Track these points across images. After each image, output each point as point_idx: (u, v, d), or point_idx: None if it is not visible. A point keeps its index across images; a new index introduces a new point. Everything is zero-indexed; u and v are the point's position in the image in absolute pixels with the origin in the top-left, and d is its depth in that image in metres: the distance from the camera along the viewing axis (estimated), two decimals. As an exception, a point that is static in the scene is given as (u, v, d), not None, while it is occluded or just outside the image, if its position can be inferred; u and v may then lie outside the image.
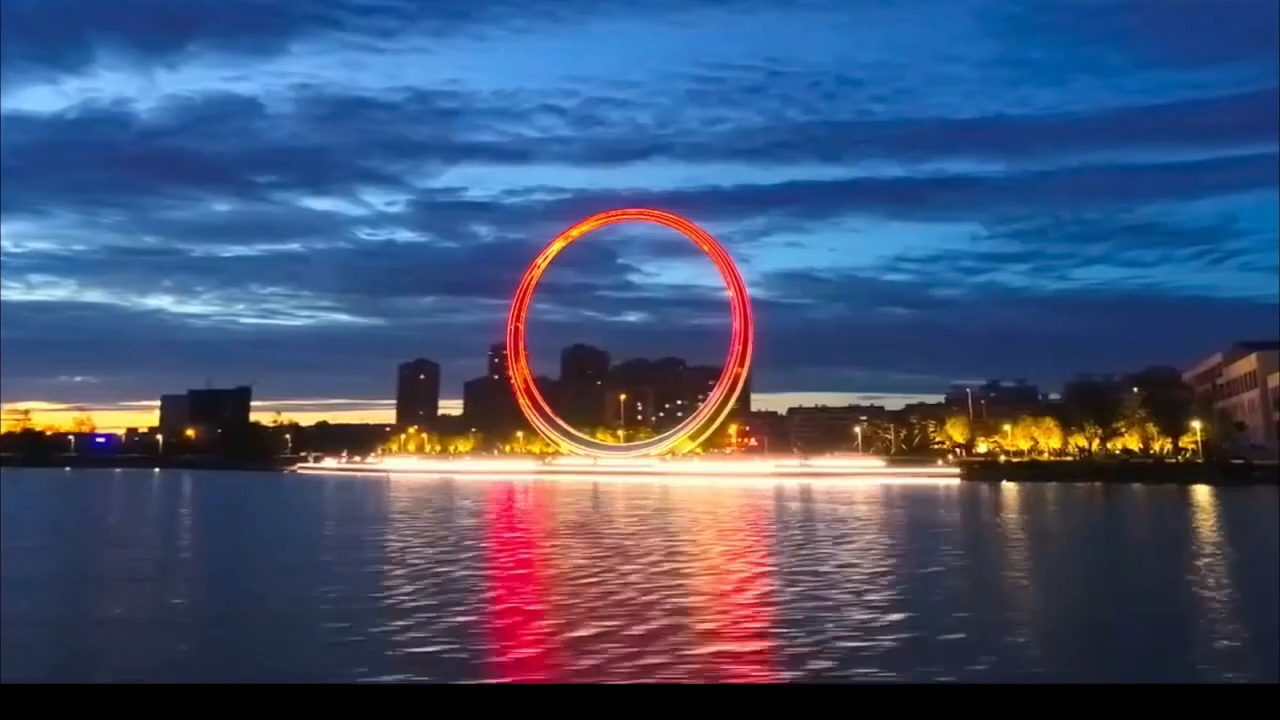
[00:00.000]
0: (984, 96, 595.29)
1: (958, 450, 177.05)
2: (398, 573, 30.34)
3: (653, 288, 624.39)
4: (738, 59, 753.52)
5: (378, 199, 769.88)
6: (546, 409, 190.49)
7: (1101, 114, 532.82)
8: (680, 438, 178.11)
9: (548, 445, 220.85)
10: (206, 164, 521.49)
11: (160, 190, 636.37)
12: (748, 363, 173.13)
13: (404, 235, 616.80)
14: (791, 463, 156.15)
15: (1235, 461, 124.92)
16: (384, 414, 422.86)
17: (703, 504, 72.09)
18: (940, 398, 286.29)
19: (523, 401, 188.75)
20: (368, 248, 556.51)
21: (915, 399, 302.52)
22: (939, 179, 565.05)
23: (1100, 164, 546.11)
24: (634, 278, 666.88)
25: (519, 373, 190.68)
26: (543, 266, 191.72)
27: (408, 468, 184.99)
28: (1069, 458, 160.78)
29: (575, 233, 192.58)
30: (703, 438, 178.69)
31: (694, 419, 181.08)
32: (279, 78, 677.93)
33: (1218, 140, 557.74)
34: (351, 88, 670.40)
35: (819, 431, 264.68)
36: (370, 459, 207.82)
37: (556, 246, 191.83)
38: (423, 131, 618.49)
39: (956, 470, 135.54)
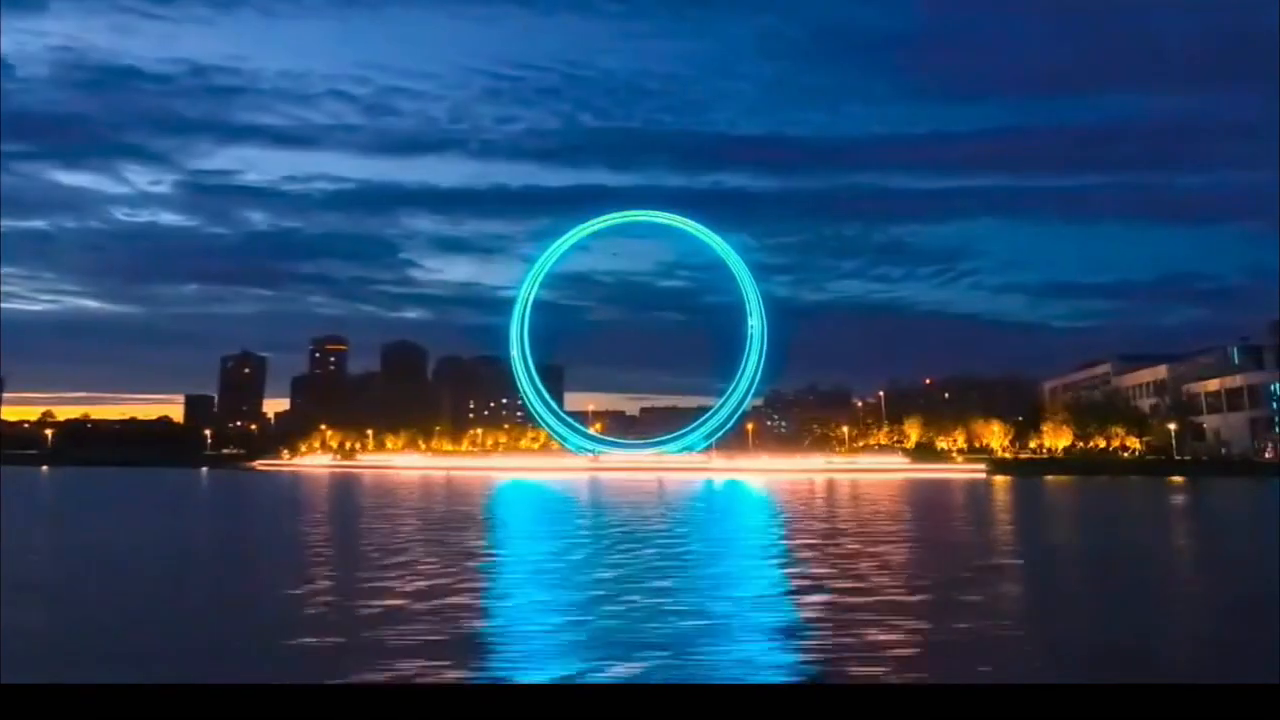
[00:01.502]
0: (765, 116, 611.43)
1: (892, 445, 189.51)
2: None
3: (435, 284, 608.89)
4: (536, 59, 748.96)
5: (141, 177, 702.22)
6: (553, 404, 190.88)
7: (866, 139, 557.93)
8: (694, 438, 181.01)
9: (535, 439, 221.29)
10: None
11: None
12: (760, 365, 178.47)
13: (168, 218, 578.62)
14: (818, 460, 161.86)
15: (1203, 459, 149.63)
16: (166, 408, 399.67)
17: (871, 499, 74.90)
18: (757, 400, 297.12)
19: (528, 396, 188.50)
20: (125, 229, 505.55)
21: (727, 400, 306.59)
22: (716, 190, 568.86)
23: (861, 185, 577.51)
24: (416, 273, 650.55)
25: (521, 364, 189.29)
26: (539, 276, 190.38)
27: (402, 464, 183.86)
28: (1051, 455, 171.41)
29: (584, 232, 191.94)
30: (718, 436, 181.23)
31: (707, 418, 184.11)
32: (34, 37, 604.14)
33: (961, 170, 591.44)
34: (118, 55, 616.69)
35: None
36: (363, 457, 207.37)
37: (562, 245, 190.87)
38: (197, 108, 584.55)
39: (982, 467, 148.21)
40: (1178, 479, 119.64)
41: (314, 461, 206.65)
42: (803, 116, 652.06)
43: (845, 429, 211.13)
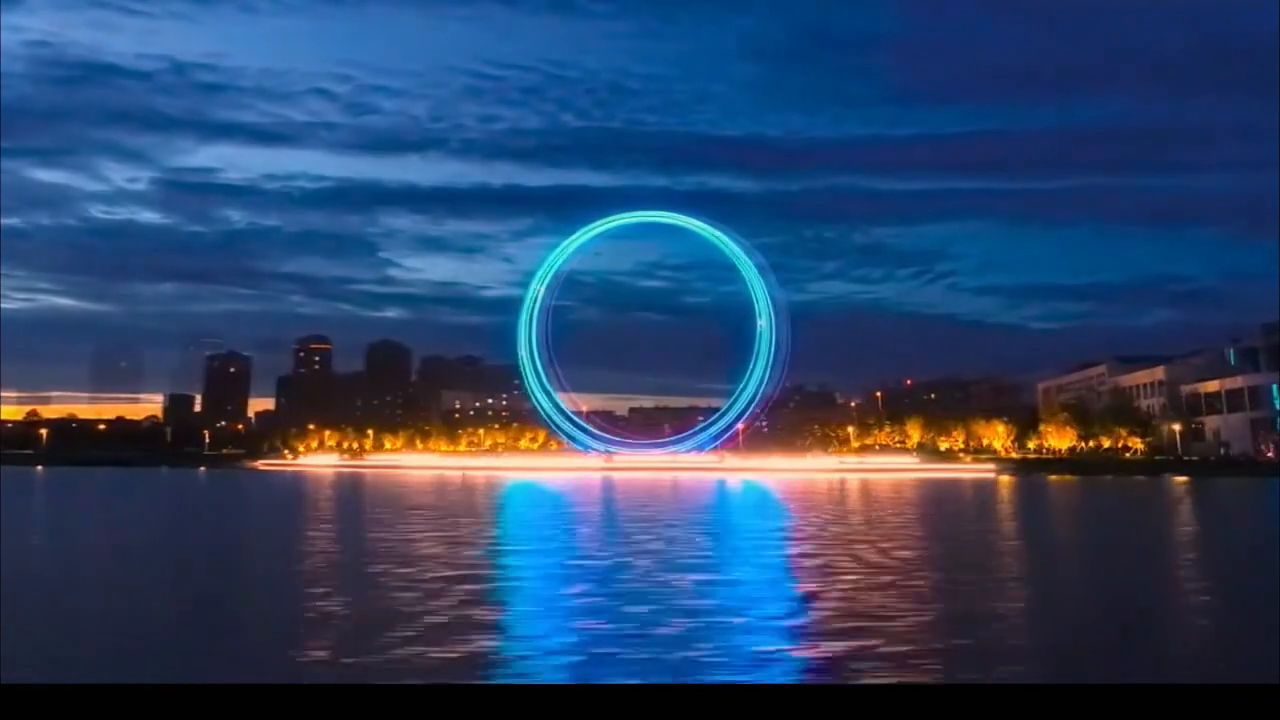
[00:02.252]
0: (746, 116, 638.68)
1: (894, 445, 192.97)
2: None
3: (414, 283, 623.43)
4: (519, 59, 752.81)
5: (118, 174, 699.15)
6: (561, 404, 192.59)
7: (847, 141, 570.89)
8: (703, 438, 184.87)
9: (533, 439, 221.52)
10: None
11: None
12: (770, 365, 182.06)
13: (146, 215, 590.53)
14: (831, 460, 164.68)
15: (1211, 459, 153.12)
16: (145, 408, 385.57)
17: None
18: (720, 401, 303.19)
19: (535, 396, 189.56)
20: (102, 227, 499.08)
21: (706, 401, 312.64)
22: (698, 191, 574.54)
23: (843, 187, 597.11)
24: (395, 272, 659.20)
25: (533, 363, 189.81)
26: (547, 277, 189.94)
27: (413, 464, 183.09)
28: (1055, 455, 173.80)
29: (594, 231, 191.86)
30: (727, 436, 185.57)
31: (716, 418, 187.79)
32: (12, 32, 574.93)
33: (941, 172, 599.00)
34: (97, 51, 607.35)
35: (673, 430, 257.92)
36: (374, 456, 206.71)
37: (571, 245, 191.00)
38: (177, 105, 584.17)
39: (990, 467, 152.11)
40: (1180, 478, 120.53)
41: (319, 461, 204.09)
42: (784, 118, 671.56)
43: (850, 429, 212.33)
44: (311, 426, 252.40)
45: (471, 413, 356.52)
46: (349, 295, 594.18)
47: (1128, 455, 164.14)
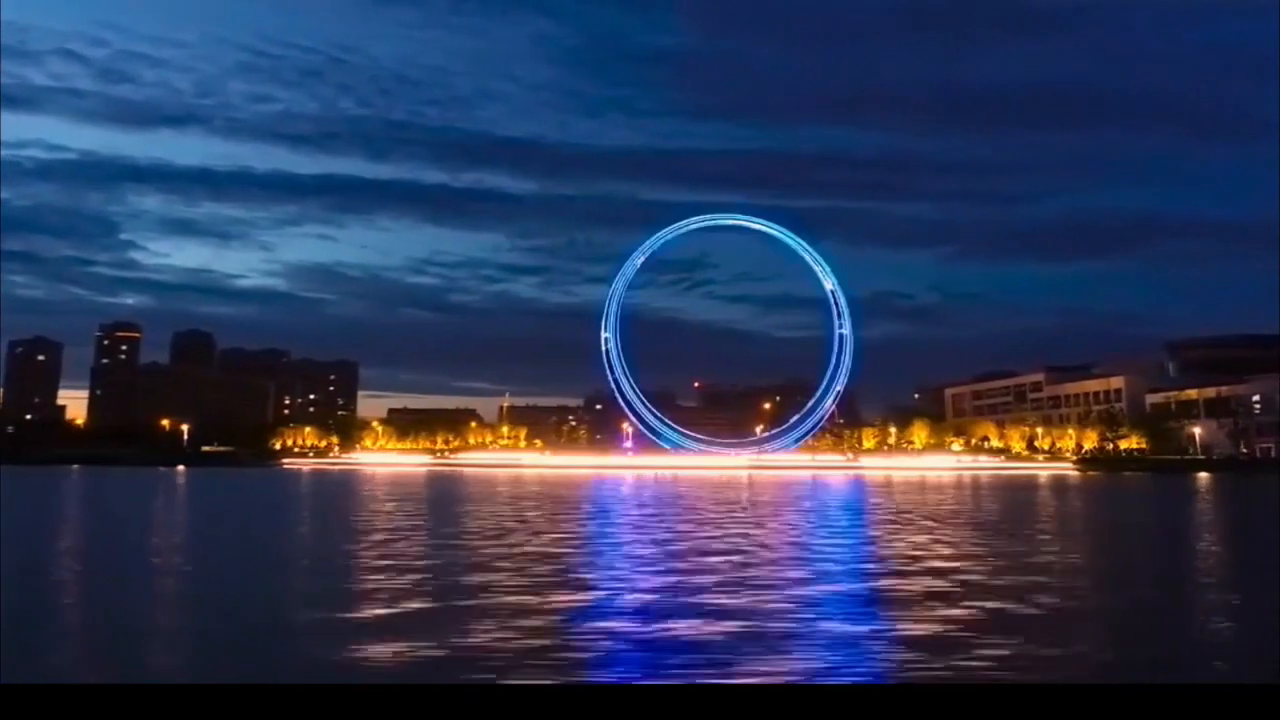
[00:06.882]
0: (529, 118, 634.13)
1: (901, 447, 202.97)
2: None
3: (160, 269, 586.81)
4: (300, 39, 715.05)
5: None
6: (647, 403, 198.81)
7: (625, 150, 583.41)
8: (785, 440, 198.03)
9: (514, 439, 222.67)
10: None
11: None
12: (847, 366, 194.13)
13: None
14: (949, 459, 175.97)
15: (1241, 457, 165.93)
16: None
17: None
18: (578, 400, 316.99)
19: (623, 393, 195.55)
20: None
21: (544, 401, 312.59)
22: (475, 189, 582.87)
23: (617, 194, 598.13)
24: (138, 255, 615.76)
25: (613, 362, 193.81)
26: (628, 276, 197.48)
27: (529, 463, 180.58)
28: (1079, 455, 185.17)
29: (673, 233, 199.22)
30: (808, 436, 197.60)
31: (799, 419, 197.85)
32: None
33: (705, 185, 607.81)
34: None
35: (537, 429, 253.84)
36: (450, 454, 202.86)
37: (652, 245, 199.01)
38: None
39: (1069, 465, 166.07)
40: (1203, 474, 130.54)
41: (372, 460, 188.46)
42: (567, 121, 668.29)
43: (860, 432, 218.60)
44: (166, 423, 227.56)
45: (296, 408, 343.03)
46: (80, 278, 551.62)
47: (1138, 455, 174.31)
